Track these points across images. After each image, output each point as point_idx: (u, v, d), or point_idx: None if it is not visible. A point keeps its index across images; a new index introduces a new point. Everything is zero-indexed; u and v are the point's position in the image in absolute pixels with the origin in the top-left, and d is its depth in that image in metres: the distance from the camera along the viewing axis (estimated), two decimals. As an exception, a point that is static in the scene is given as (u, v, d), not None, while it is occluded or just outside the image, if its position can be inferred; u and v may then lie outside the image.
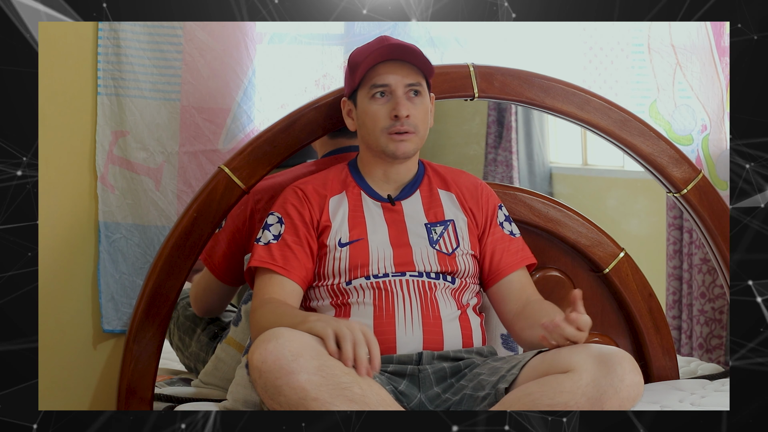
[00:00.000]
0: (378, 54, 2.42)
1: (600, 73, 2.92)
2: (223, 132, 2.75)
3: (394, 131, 2.43)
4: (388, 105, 2.43)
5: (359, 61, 2.44)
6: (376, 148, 2.46)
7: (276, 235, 2.45)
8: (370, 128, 2.45)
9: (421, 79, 2.45)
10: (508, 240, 2.54)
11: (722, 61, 2.94)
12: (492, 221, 2.54)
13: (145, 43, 2.71)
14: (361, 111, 2.46)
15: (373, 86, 2.43)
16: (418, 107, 2.44)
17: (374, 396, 2.12)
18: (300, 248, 2.43)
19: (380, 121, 2.43)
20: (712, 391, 2.69)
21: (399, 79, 2.43)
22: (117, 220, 2.73)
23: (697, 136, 2.94)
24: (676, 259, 3.92)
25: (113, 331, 2.74)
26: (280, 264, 2.41)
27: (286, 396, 2.08)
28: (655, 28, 2.91)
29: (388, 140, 2.44)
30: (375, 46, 2.45)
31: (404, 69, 2.44)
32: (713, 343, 3.77)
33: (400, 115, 2.41)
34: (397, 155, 2.45)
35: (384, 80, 2.43)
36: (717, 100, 2.93)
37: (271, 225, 2.47)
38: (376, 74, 2.43)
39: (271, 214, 2.49)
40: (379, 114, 2.43)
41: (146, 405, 2.60)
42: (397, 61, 2.43)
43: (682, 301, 3.91)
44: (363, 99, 2.46)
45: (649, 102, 2.92)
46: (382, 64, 2.43)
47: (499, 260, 2.51)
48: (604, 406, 2.10)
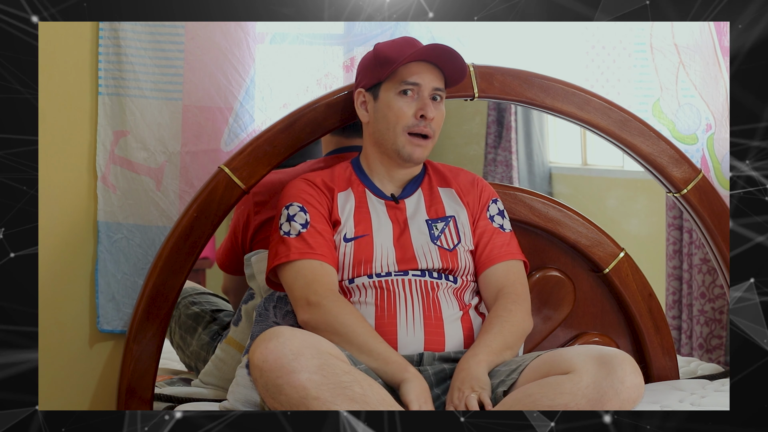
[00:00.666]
0: (419, 52, 2.42)
1: (603, 72, 2.92)
2: (225, 131, 2.75)
3: (417, 131, 2.43)
4: (415, 104, 2.43)
5: (392, 55, 2.44)
6: (392, 146, 2.46)
7: (303, 223, 2.44)
8: (391, 123, 2.45)
9: (444, 86, 2.47)
10: (495, 233, 2.53)
11: (726, 60, 2.94)
12: (482, 213, 2.54)
13: (146, 42, 2.70)
14: (384, 104, 2.46)
15: (404, 83, 2.43)
16: (439, 112, 2.46)
17: (375, 396, 2.12)
18: (328, 231, 2.44)
19: (404, 117, 2.43)
20: (712, 391, 2.69)
21: (429, 81, 2.43)
22: (118, 221, 2.73)
23: (702, 135, 2.93)
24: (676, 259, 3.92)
25: (114, 332, 2.74)
26: (319, 252, 2.40)
27: (287, 395, 2.08)
28: (658, 27, 2.91)
29: (406, 141, 2.44)
30: (409, 44, 2.46)
31: (435, 72, 2.45)
32: (713, 343, 3.77)
33: (427, 115, 2.42)
34: (412, 159, 2.45)
35: (416, 79, 2.43)
36: (721, 99, 2.93)
37: (295, 215, 2.45)
38: (408, 72, 2.43)
39: (289, 205, 2.47)
40: (404, 110, 2.43)
41: (146, 405, 2.60)
42: (429, 64, 2.44)
43: (682, 301, 3.91)
44: (388, 93, 2.45)
45: (652, 101, 2.92)
46: (416, 64, 2.43)
47: (482, 251, 2.51)
48: (605, 407, 2.10)
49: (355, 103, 2.52)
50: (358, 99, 2.52)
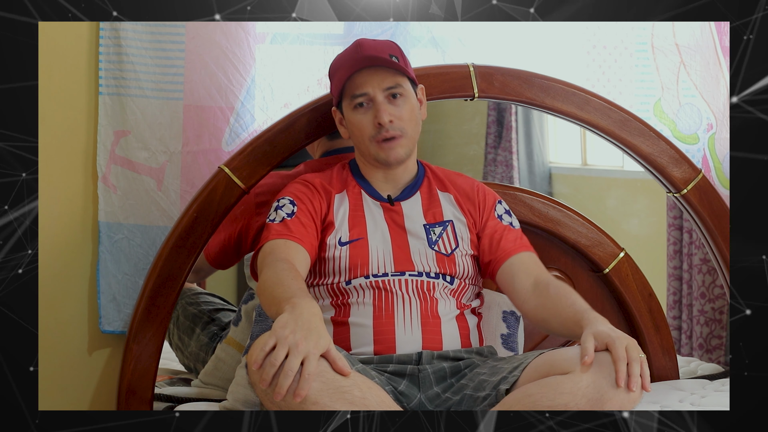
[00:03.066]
0: (349, 65, 2.42)
1: (604, 71, 2.92)
2: (226, 131, 2.75)
3: (381, 138, 2.43)
4: (371, 113, 2.43)
5: (335, 74, 2.45)
6: (369, 157, 2.47)
7: (289, 213, 2.44)
8: (358, 138, 2.46)
9: (400, 80, 2.44)
10: (506, 229, 2.53)
11: (727, 60, 2.94)
12: (490, 214, 2.54)
13: (146, 42, 2.70)
14: (348, 122, 2.48)
15: (353, 97, 2.43)
16: (402, 109, 2.44)
17: (374, 398, 2.12)
18: (312, 226, 2.43)
19: (366, 130, 2.43)
20: (712, 391, 2.69)
21: (376, 86, 2.42)
22: (119, 221, 2.73)
23: (703, 135, 2.93)
24: (677, 260, 3.92)
25: (115, 332, 2.74)
26: (297, 236, 2.40)
27: (285, 400, 2.07)
28: (659, 27, 2.91)
29: (378, 148, 2.44)
30: (346, 56, 2.45)
31: (380, 74, 2.43)
32: (713, 343, 3.77)
33: (383, 122, 2.41)
34: (389, 162, 2.45)
35: (361, 89, 2.42)
36: (723, 99, 2.93)
37: (283, 206, 2.46)
38: (353, 85, 2.43)
39: (281, 199, 2.48)
40: (363, 123, 2.43)
41: (146, 405, 2.60)
42: (372, 67, 2.43)
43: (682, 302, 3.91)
44: (347, 110, 2.46)
45: (654, 101, 2.92)
46: (358, 74, 2.43)
47: (497, 245, 2.50)
48: (605, 407, 2.10)
49: (336, 122, 2.54)
50: (336, 117, 2.53)
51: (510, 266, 2.48)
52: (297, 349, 2.01)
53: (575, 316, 2.29)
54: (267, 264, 2.33)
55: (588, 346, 2.14)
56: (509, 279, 2.48)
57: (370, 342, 2.38)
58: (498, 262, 2.49)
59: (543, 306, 2.38)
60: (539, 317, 2.40)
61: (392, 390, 2.31)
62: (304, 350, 2.02)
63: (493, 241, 2.50)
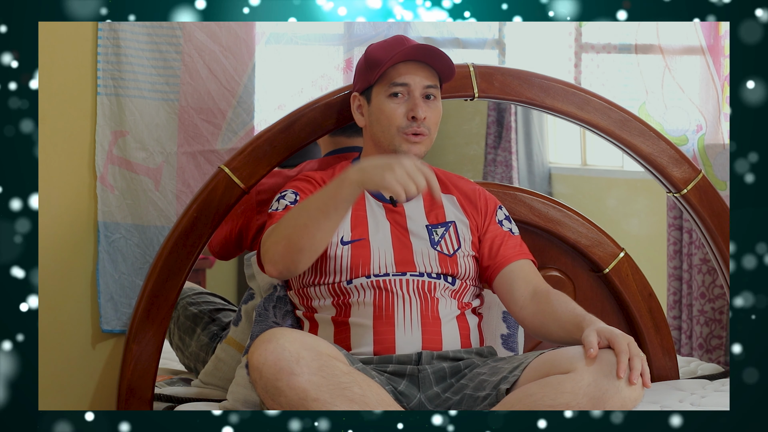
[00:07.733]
0: (402, 53, 2.41)
1: (585, 77, 2.92)
2: (221, 132, 2.76)
3: (411, 132, 2.42)
4: (406, 105, 2.43)
5: (380, 57, 2.43)
6: (389, 147, 2.45)
7: (292, 201, 2.44)
8: (384, 126, 2.44)
9: (437, 83, 2.46)
10: (507, 235, 2.53)
11: (716, 61, 2.93)
12: (491, 219, 2.54)
13: (144, 43, 2.71)
14: (376, 108, 2.46)
15: (393, 84, 2.43)
16: (433, 110, 2.44)
17: (374, 396, 2.12)
18: None
19: (396, 120, 2.43)
20: (712, 391, 2.69)
21: (419, 81, 2.43)
22: (116, 220, 2.73)
23: (692, 137, 2.94)
24: (677, 260, 3.92)
25: (112, 331, 2.74)
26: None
27: (286, 397, 2.08)
28: (643, 30, 2.91)
29: (402, 140, 2.43)
30: (398, 44, 2.44)
31: (425, 71, 2.43)
32: (713, 343, 3.77)
33: (418, 116, 2.41)
34: (409, 156, 2.45)
35: (404, 80, 2.42)
36: (712, 100, 2.93)
37: (285, 196, 2.46)
38: (396, 73, 2.43)
39: (283, 191, 2.48)
40: (395, 113, 2.43)
41: (146, 405, 2.60)
42: (418, 62, 2.43)
43: (682, 302, 3.91)
44: (379, 96, 2.45)
45: (638, 105, 2.92)
46: (404, 64, 2.43)
47: (497, 251, 2.50)
48: (606, 406, 2.10)
49: (352, 107, 2.52)
50: (354, 103, 2.52)
51: (509, 272, 2.49)
52: (396, 163, 2.16)
53: (575, 319, 2.30)
54: (272, 230, 2.32)
55: (592, 340, 2.16)
56: (507, 285, 2.48)
57: (370, 342, 2.38)
58: (497, 268, 2.50)
59: (542, 311, 2.39)
60: (537, 322, 2.40)
61: (392, 390, 2.31)
62: (397, 161, 2.16)
63: (494, 246, 2.51)
